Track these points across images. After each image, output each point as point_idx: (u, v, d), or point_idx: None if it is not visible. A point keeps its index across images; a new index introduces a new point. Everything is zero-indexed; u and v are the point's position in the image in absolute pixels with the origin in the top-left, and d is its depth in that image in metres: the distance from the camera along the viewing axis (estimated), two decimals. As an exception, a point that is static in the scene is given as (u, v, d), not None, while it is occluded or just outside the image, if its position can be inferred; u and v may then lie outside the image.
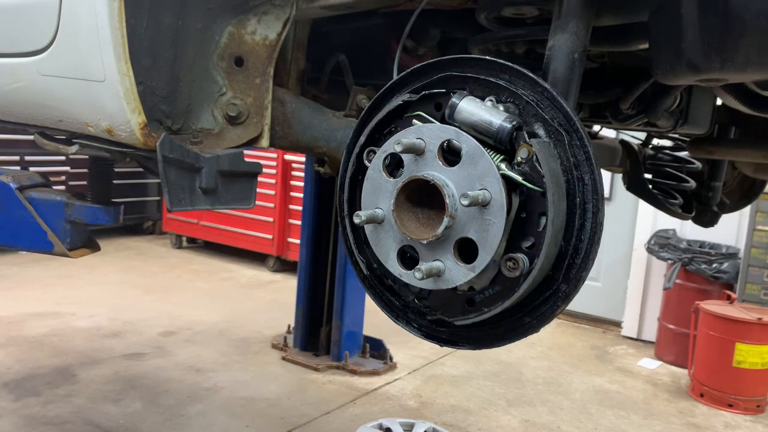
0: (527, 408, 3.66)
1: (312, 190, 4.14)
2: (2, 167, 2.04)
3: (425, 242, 0.73)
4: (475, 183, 0.71)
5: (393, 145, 0.75)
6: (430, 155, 0.75)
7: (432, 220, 0.75)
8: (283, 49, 1.20)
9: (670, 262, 4.65)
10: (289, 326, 4.43)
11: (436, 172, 0.74)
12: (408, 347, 4.32)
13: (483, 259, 0.71)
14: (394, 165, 0.78)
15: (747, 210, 4.35)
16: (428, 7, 1.06)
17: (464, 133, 0.74)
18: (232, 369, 3.88)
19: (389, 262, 0.78)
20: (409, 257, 0.78)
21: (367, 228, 0.80)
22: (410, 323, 0.85)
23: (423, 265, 0.72)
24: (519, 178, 0.71)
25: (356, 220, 0.77)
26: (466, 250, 0.73)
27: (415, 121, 0.79)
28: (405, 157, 0.77)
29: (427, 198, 0.75)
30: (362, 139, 0.87)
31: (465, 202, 0.69)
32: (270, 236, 6.39)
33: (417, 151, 0.75)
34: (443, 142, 0.74)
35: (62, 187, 4.33)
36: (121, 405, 3.26)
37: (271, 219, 6.34)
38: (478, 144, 0.72)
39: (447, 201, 0.71)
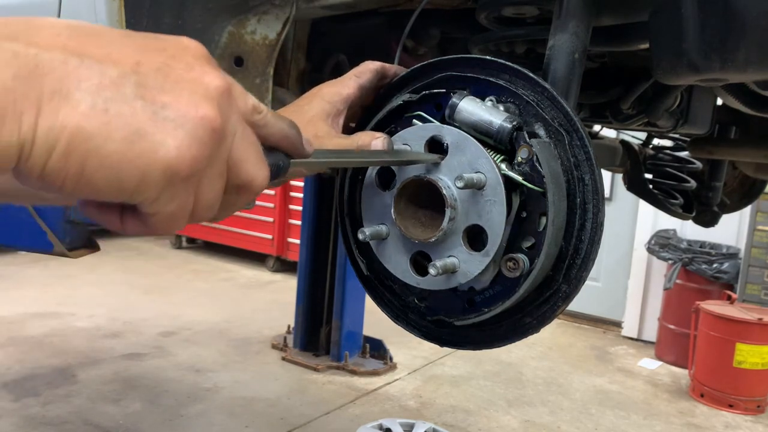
0: (527, 408, 3.66)
1: (312, 190, 4.14)
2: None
3: (434, 239, 0.72)
4: (467, 168, 0.71)
5: None
6: None
7: (435, 219, 0.75)
8: (283, 48, 1.20)
9: (670, 262, 4.65)
10: (289, 326, 4.43)
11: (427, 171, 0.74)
12: (408, 347, 4.32)
13: (494, 241, 0.71)
14: (388, 174, 0.78)
15: (747, 210, 4.35)
16: (428, 7, 1.06)
17: (444, 126, 0.74)
18: (232, 369, 3.88)
19: (405, 275, 0.78)
20: (419, 264, 0.78)
21: (373, 244, 0.80)
22: (410, 324, 0.84)
23: (438, 262, 0.72)
24: (519, 178, 0.71)
25: (360, 237, 0.77)
26: (474, 241, 0.73)
27: (415, 121, 0.79)
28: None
29: (427, 199, 0.75)
30: (362, 139, 0.87)
31: (460, 184, 0.68)
32: (270, 236, 6.39)
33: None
34: (427, 141, 0.75)
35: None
36: (120, 405, 3.26)
37: (271, 219, 6.34)
38: (461, 131, 0.72)
39: (444, 193, 0.71)
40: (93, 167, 0.37)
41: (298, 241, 4.56)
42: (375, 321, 4.03)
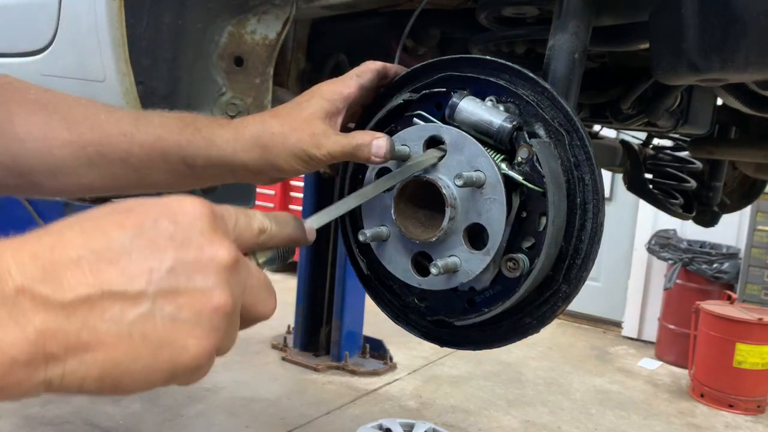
0: (527, 408, 3.66)
1: (312, 189, 4.14)
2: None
3: (434, 239, 0.72)
4: (466, 167, 0.71)
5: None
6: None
7: (435, 219, 0.75)
8: (282, 48, 1.20)
9: (670, 262, 4.65)
10: (288, 326, 4.42)
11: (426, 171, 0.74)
12: (408, 347, 4.32)
13: (494, 239, 0.71)
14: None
15: (747, 210, 4.35)
16: (428, 7, 1.06)
17: (443, 126, 0.74)
18: (232, 369, 3.88)
19: (406, 275, 0.78)
20: (419, 264, 0.78)
21: (374, 245, 0.80)
22: (410, 324, 0.84)
23: (439, 261, 0.72)
24: (519, 178, 0.71)
25: (361, 238, 0.77)
26: (475, 240, 0.73)
27: (415, 120, 0.79)
28: (392, 165, 0.77)
29: (426, 199, 0.75)
30: (362, 139, 0.86)
31: (459, 182, 0.68)
32: (270, 236, 6.38)
33: (403, 158, 0.75)
34: (426, 140, 0.75)
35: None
36: (120, 405, 3.26)
37: (271, 219, 6.34)
38: (459, 131, 0.72)
39: (444, 192, 0.71)
40: (126, 382, 0.42)
41: (298, 241, 4.56)
42: (375, 321, 4.03)
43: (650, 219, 5.09)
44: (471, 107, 0.74)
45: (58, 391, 0.40)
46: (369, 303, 4.07)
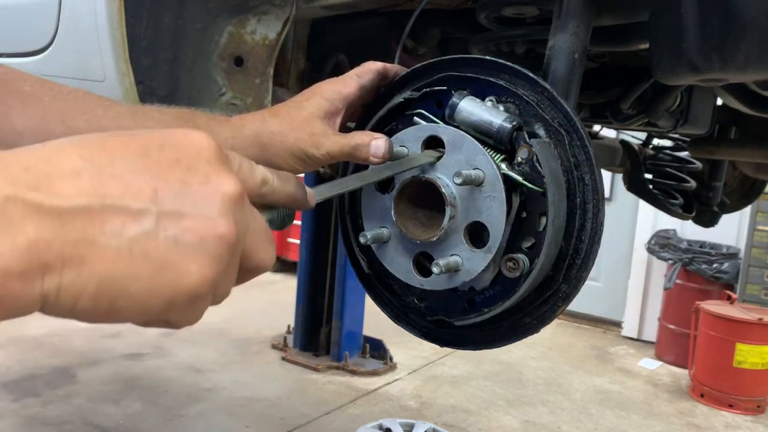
0: (527, 408, 3.66)
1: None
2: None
3: (435, 238, 0.72)
4: (465, 166, 0.71)
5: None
6: None
7: (434, 219, 0.75)
8: (282, 48, 1.20)
9: (670, 262, 4.65)
10: (288, 326, 4.42)
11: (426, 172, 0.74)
12: (408, 347, 4.32)
13: (495, 237, 0.71)
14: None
15: (747, 210, 4.35)
16: (428, 7, 1.06)
17: (440, 125, 0.74)
18: (232, 369, 3.88)
19: (408, 276, 0.78)
20: (421, 265, 0.78)
21: (374, 247, 0.80)
22: (410, 324, 0.84)
23: (441, 260, 0.72)
24: (519, 178, 0.71)
25: (362, 241, 0.77)
26: (475, 239, 0.73)
27: (416, 118, 0.79)
28: None
29: (425, 199, 0.75)
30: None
31: (458, 180, 0.68)
32: (270, 236, 6.37)
33: (401, 158, 0.75)
34: (425, 140, 0.75)
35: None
36: (120, 405, 3.26)
37: (271, 219, 6.33)
38: (457, 130, 0.72)
39: (443, 191, 0.71)
40: (121, 304, 0.39)
41: (298, 241, 4.56)
42: (375, 321, 4.03)
43: (650, 219, 5.09)
44: (471, 107, 0.74)
45: (53, 309, 0.38)
46: (369, 303, 4.06)
